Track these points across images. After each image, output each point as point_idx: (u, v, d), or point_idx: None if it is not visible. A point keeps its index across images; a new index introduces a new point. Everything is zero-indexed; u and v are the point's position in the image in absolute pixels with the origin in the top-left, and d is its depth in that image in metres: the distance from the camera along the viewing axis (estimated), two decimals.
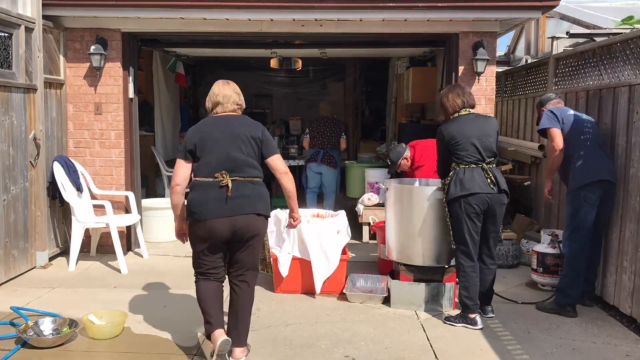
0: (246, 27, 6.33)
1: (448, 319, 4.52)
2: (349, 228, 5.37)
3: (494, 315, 4.61)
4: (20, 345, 3.95)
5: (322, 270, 5.10)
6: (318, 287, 5.09)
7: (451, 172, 4.46)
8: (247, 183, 3.63)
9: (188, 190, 3.73)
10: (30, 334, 4.04)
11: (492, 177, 4.38)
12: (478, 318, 4.42)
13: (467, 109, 4.55)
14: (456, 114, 4.54)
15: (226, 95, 3.74)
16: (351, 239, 5.50)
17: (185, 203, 3.71)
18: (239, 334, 3.76)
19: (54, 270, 5.87)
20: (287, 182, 3.79)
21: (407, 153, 6.17)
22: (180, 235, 3.86)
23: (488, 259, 4.58)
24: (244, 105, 3.86)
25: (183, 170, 3.69)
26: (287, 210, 5.49)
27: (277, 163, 3.75)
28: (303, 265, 5.12)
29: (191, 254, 3.82)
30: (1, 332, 4.19)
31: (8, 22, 5.32)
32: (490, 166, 4.44)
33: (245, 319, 3.79)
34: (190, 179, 3.72)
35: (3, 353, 3.85)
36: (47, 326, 4.15)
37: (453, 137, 4.43)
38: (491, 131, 4.51)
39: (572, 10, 9.16)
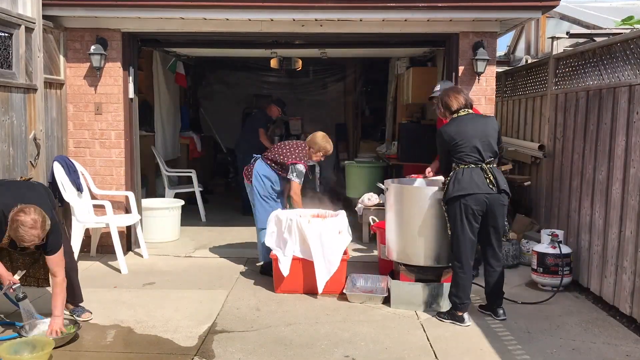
0: (246, 27, 6.33)
1: (439, 314, 4.61)
2: (349, 228, 5.38)
3: (505, 317, 4.56)
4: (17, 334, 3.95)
5: (325, 270, 5.10)
6: (321, 287, 5.08)
7: (451, 172, 4.49)
8: None
9: None
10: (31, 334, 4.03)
11: (492, 177, 4.39)
12: (466, 316, 4.46)
13: (467, 110, 4.57)
14: (455, 115, 4.56)
15: None
16: (352, 239, 5.49)
17: None
18: None
19: None
20: None
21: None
22: None
23: (493, 260, 4.58)
24: None
25: None
26: (287, 211, 5.51)
27: None
28: (304, 266, 5.12)
29: (190, 255, 3.81)
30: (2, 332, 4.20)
31: (8, 22, 5.31)
32: (490, 166, 4.45)
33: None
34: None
35: None
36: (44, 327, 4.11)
37: (453, 138, 4.45)
38: (491, 131, 4.52)
39: (572, 10, 9.16)
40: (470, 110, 4.60)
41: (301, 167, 5.56)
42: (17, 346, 3.78)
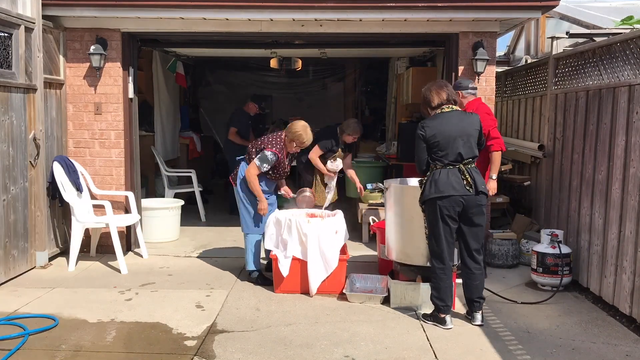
0: (246, 27, 6.33)
1: (424, 316, 4.55)
2: (346, 229, 5.38)
3: (483, 323, 4.43)
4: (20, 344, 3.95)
5: (319, 271, 5.09)
6: (314, 289, 5.08)
7: (428, 172, 4.42)
8: None
9: None
10: None
11: (469, 179, 4.29)
12: (448, 318, 4.39)
13: (450, 106, 4.43)
14: (439, 110, 4.43)
15: None
16: (351, 239, 5.50)
17: None
18: None
19: (54, 270, 5.87)
20: None
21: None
22: None
23: (472, 262, 4.43)
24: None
25: None
26: (287, 212, 5.50)
27: None
28: (303, 266, 5.12)
29: (190, 255, 3.81)
30: (2, 332, 4.20)
31: (8, 22, 5.31)
32: (469, 167, 4.35)
33: None
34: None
35: (3, 353, 3.85)
36: None
37: (434, 136, 4.34)
38: (472, 130, 4.39)
39: (572, 10, 9.14)
40: (455, 107, 4.46)
41: (269, 153, 5.22)
42: None
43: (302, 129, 5.32)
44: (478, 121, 4.50)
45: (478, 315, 4.47)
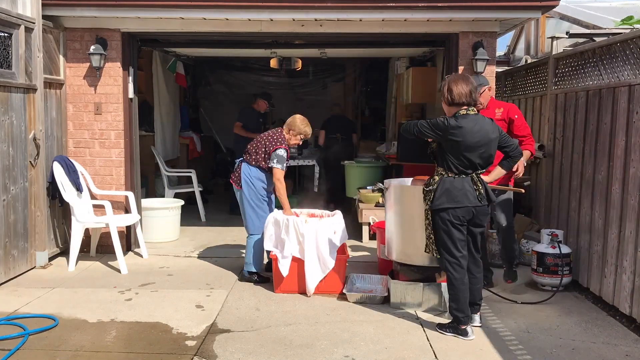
0: (246, 27, 6.33)
1: (440, 327, 4.37)
2: (345, 229, 5.37)
3: (481, 325, 4.41)
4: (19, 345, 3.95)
5: (316, 271, 5.09)
6: (311, 289, 5.08)
7: (437, 178, 4.25)
8: None
9: None
10: None
11: (481, 189, 4.19)
12: (469, 329, 4.24)
13: (473, 108, 4.23)
14: (463, 112, 4.18)
15: None
16: (351, 239, 5.49)
17: None
18: None
19: (54, 270, 5.87)
20: None
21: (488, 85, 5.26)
22: None
23: (473, 266, 4.38)
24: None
25: None
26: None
27: None
28: (302, 266, 5.11)
29: (190, 255, 3.81)
30: (2, 332, 4.20)
31: (8, 22, 5.31)
32: (479, 177, 4.24)
33: None
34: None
35: (3, 353, 3.85)
36: None
37: (457, 142, 4.11)
38: (494, 139, 4.22)
39: (572, 10, 9.15)
40: (475, 110, 4.26)
41: (282, 152, 5.36)
42: None
43: (305, 121, 5.58)
44: (497, 128, 4.29)
45: (477, 317, 4.43)
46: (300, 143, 5.70)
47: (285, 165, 5.39)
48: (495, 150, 4.27)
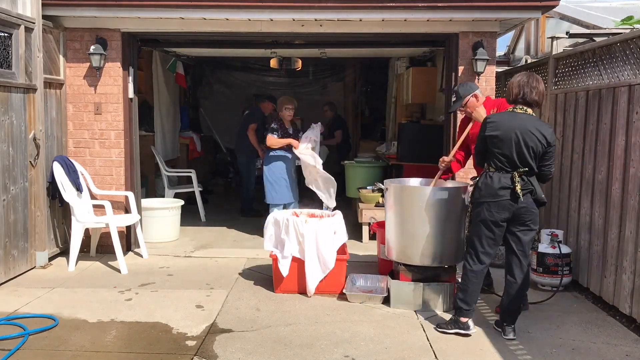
0: (246, 27, 6.33)
1: (440, 326, 4.33)
2: (345, 229, 5.37)
3: (515, 338, 4.18)
4: (19, 345, 3.95)
5: (316, 271, 5.09)
6: (311, 289, 5.09)
7: (482, 172, 4.25)
8: None
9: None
10: None
11: (519, 188, 4.03)
12: (470, 323, 4.22)
13: (523, 107, 4.15)
14: (511, 108, 4.19)
15: None
16: (351, 239, 5.49)
17: None
18: None
19: (54, 270, 5.87)
20: None
21: (479, 92, 5.24)
22: None
23: (517, 270, 4.20)
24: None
25: None
26: (284, 212, 5.52)
27: None
28: (302, 266, 5.12)
29: (190, 255, 3.81)
30: (2, 332, 4.20)
31: (8, 22, 5.31)
32: (523, 176, 4.08)
33: None
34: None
35: (3, 353, 3.85)
36: None
37: (492, 137, 4.09)
38: (540, 145, 4.05)
39: (572, 10, 9.15)
40: (529, 110, 4.15)
41: (273, 125, 6.86)
42: None
43: (284, 98, 7.04)
44: (543, 136, 4.07)
45: (510, 330, 4.23)
46: (292, 115, 6.91)
47: (276, 134, 6.76)
48: (532, 158, 4.07)
